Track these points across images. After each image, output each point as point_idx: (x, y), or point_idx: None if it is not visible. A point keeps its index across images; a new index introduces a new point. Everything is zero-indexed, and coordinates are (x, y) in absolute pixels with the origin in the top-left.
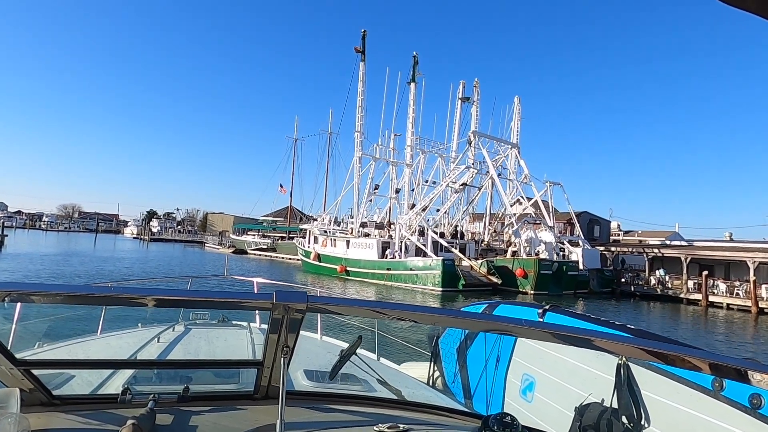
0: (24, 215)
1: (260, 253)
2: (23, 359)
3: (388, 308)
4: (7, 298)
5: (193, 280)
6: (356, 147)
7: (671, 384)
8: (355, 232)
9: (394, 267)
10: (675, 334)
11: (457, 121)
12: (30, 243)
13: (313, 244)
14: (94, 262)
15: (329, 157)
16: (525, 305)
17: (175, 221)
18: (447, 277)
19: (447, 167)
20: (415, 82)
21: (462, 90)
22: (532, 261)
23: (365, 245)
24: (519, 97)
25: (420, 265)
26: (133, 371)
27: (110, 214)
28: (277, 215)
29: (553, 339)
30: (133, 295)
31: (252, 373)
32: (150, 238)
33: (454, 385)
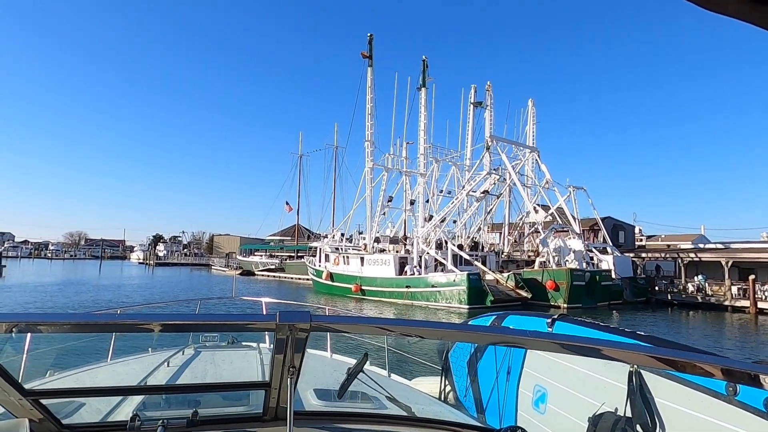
0: (30, 245)
1: (268, 274)
2: (32, 389)
3: (393, 324)
4: (15, 329)
5: (202, 303)
6: (367, 157)
7: (684, 390)
8: (370, 247)
9: (414, 284)
10: (725, 347)
11: (470, 127)
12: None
13: (324, 263)
14: (90, 292)
15: (336, 172)
16: (534, 315)
17: (181, 245)
18: (473, 294)
19: (462, 176)
20: (425, 87)
21: (474, 94)
22: (563, 272)
23: (381, 262)
24: (533, 100)
25: (443, 281)
26: (142, 397)
27: (116, 240)
28: (284, 234)
29: (562, 350)
30: (139, 322)
31: (261, 394)
32: (155, 263)
33: (466, 399)
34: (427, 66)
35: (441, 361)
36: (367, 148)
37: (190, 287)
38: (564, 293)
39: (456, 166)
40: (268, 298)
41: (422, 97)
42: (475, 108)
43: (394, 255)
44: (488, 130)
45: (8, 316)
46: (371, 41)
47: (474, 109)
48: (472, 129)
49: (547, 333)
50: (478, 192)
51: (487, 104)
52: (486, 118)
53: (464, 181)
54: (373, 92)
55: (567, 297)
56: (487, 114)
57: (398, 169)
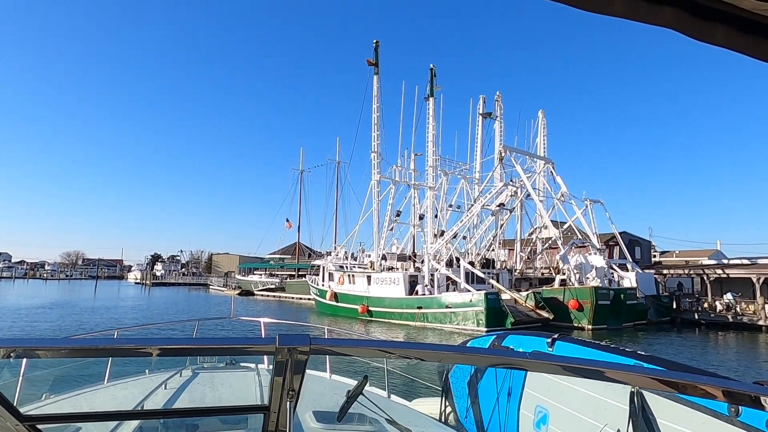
0: (26, 265)
1: (268, 294)
2: (28, 414)
3: (393, 347)
4: (13, 354)
5: (200, 323)
6: (373, 169)
7: (686, 411)
8: (377, 265)
9: (426, 305)
10: None
11: (479, 139)
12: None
13: (328, 282)
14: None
15: (338, 188)
16: (534, 335)
17: (180, 264)
18: (492, 315)
19: (471, 189)
20: (433, 97)
21: (482, 105)
22: (587, 290)
23: (390, 281)
24: (543, 111)
25: (458, 301)
26: (140, 422)
27: (114, 260)
28: (284, 253)
29: (562, 372)
30: (136, 346)
31: (259, 418)
32: (152, 283)
33: (467, 421)
34: (435, 75)
35: (441, 382)
36: (374, 159)
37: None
38: (588, 313)
39: (465, 179)
40: (266, 319)
41: (430, 107)
42: (484, 119)
43: (404, 273)
44: (498, 141)
45: (5, 342)
46: (377, 48)
47: (483, 120)
48: (482, 141)
49: (547, 354)
50: (493, 205)
51: (497, 115)
52: (496, 129)
53: (474, 194)
54: (380, 101)
55: (592, 317)
56: (496, 125)
57: (406, 182)
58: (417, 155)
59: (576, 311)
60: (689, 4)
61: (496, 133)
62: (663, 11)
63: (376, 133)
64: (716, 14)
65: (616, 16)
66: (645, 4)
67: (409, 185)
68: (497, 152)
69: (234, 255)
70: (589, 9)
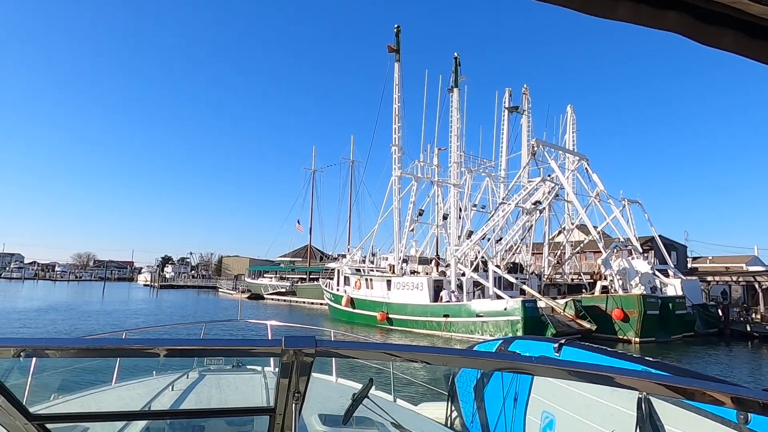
0: (38, 266)
1: (278, 298)
2: (37, 414)
3: (399, 350)
4: (23, 354)
5: (207, 325)
6: (394, 164)
7: (694, 417)
8: (398, 269)
9: (453, 313)
10: None
11: (504, 135)
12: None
13: (343, 286)
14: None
15: (352, 188)
16: (541, 340)
17: (190, 266)
18: (530, 325)
19: (497, 188)
20: (457, 88)
21: (508, 99)
22: (634, 298)
23: (413, 286)
24: (572, 106)
25: (491, 309)
26: (146, 422)
27: (125, 262)
28: (294, 255)
29: (569, 377)
30: (144, 346)
31: (265, 420)
32: (160, 285)
33: (472, 426)
34: (459, 64)
35: (447, 387)
36: (394, 153)
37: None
38: (635, 325)
39: (490, 177)
40: (273, 321)
41: (454, 99)
42: (510, 113)
43: (429, 278)
44: (525, 137)
45: (15, 341)
46: (398, 33)
47: (509, 114)
48: (507, 136)
49: (554, 359)
50: (528, 203)
51: (524, 109)
52: (523, 124)
53: (500, 194)
54: (401, 90)
55: (639, 329)
56: (524, 120)
57: (429, 179)
58: (441, 150)
59: (621, 322)
60: (694, 8)
61: (524, 128)
62: (667, 16)
63: (397, 125)
64: (722, 19)
65: (620, 20)
66: (648, 8)
67: (432, 182)
68: (530, 146)
69: (244, 257)
70: (594, 13)
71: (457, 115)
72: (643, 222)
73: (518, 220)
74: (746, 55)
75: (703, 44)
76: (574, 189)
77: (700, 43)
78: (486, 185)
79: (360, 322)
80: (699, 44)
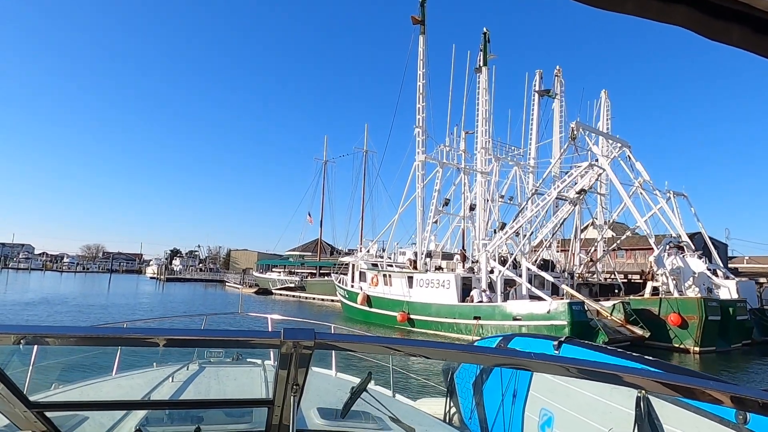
0: (46, 257)
1: (287, 293)
2: (36, 402)
3: (399, 344)
4: (23, 341)
5: (208, 318)
6: (417, 148)
7: (693, 417)
8: (420, 264)
9: (486, 315)
10: None
11: (534, 121)
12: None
13: (358, 283)
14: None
15: (365, 179)
16: (540, 337)
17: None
18: (578, 331)
19: (525, 177)
20: (486, 66)
21: (539, 81)
22: (694, 302)
23: (438, 283)
24: (606, 91)
25: (531, 312)
26: (146, 412)
27: (134, 254)
28: (304, 249)
29: (567, 373)
30: (144, 336)
31: (264, 412)
32: (166, 278)
33: (471, 422)
34: (488, 40)
35: (446, 383)
36: (418, 136)
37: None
38: (695, 332)
39: (519, 166)
40: (275, 315)
41: (482, 79)
42: (540, 97)
43: (457, 274)
44: (557, 123)
45: (15, 328)
46: (423, 3)
47: (539, 98)
48: (537, 122)
49: (554, 356)
50: (573, 192)
51: (557, 93)
52: (555, 109)
53: (529, 184)
54: (426, 66)
55: (699, 337)
56: (556, 104)
57: (455, 166)
58: (468, 134)
59: (678, 328)
60: (703, 3)
61: (556, 113)
62: (675, 10)
63: (421, 104)
64: (731, 14)
65: (627, 13)
66: (657, 3)
67: (459, 169)
68: (568, 130)
69: (252, 251)
70: (602, 6)
71: (486, 97)
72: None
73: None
74: (754, 51)
75: (711, 40)
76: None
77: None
78: (514, 174)
79: (377, 322)
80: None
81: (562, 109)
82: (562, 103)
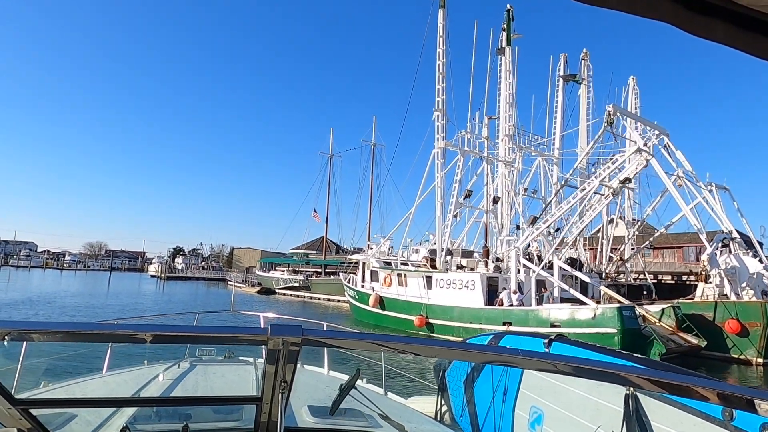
0: (47, 254)
1: (291, 293)
2: (21, 399)
3: (389, 341)
4: (8, 337)
5: (200, 316)
6: (437, 133)
7: (680, 414)
8: (440, 263)
9: (518, 321)
10: None
11: (559, 108)
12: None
13: (370, 283)
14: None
15: (374, 174)
16: (531, 336)
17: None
18: (629, 340)
19: (550, 169)
20: (509, 47)
21: (563, 66)
22: (756, 306)
23: (461, 284)
24: (635, 78)
25: (573, 318)
26: (134, 410)
27: (136, 252)
28: (308, 248)
29: (557, 370)
30: (131, 332)
31: (252, 409)
32: (167, 277)
33: (462, 420)
34: (512, 18)
35: (438, 380)
36: (437, 120)
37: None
38: (758, 341)
39: (543, 157)
40: (267, 313)
41: (505, 61)
42: (565, 83)
43: (482, 274)
44: (584, 110)
45: (1, 324)
46: None
47: (564, 84)
48: (562, 110)
49: (543, 353)
50: (616, 181)
51: (583, 78)
52: (581, 95)
53: (553, 176)
54: (446, 44)
55: (764, 347)
56: (582, 90)
57: (478, 154)
58: (491, 119)
59: (737, 336)
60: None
61: (582, 99)
62: (661, 5)
63: (441, 85)
64: (714, 9)
65: (613, 8)
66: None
67: (482, 158)
68: (605, 114)
69: (256, 249)
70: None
71: (510, 80)
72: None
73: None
74: (738, 48)
75: (695, 35)
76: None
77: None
78: (537, 166)
79: (391, 326)
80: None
81: (590, 96)
82: (590, 89)
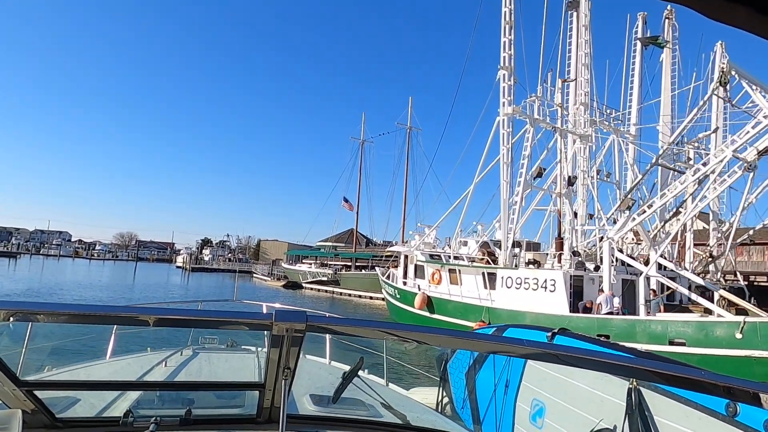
0: (79, 244)
1: (319, 287)
2: (26, 380)
3: (393, 329)
4: (13, 318)
5: (203, 304)
6: (502, 97)
7: (683, 408)
8: (506, 257)
9: (620, 333)
10: None
11: (636, 76)
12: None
13: (414, 280)
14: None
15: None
16: (535, 328)
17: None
18: None
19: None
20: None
21: (642, 27)
22: None
23: (536, 283)
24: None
25: (704, 334)
26: (138, 394)
27: (165, 243)
28: (337, 240)
29: (559, 361)
30: (135, 315)
31: (255, 395)
32: (192, 268)
33: (463, 411)
34: None
35: (440, 371)
36: (503, 80)
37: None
38: None
39: (617, 132)
40: (270, 303)
41: (579, 15)
42: (644, 47)
43: (565, 272)
44: (667, 79)
45: (6, 304)
46: None
47: (642, 48)
48: (640, 78)
49: (546, 344)
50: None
51: (667, 41)
52: (665, 61)
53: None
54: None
55: None
56: (666, 56)
57: (550, 126)
58: (565, 82)
59: None
60: None
61: (665, 66)
62: None
63: (507, 37)
64: None
65: None
66: None
67: (554, 129)
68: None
69: (283, 242)
70: None
71: (586, 37)
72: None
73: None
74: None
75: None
76: None
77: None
78: (611, 144)
79: None
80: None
81: (676, 62)
82: (675, 54)
